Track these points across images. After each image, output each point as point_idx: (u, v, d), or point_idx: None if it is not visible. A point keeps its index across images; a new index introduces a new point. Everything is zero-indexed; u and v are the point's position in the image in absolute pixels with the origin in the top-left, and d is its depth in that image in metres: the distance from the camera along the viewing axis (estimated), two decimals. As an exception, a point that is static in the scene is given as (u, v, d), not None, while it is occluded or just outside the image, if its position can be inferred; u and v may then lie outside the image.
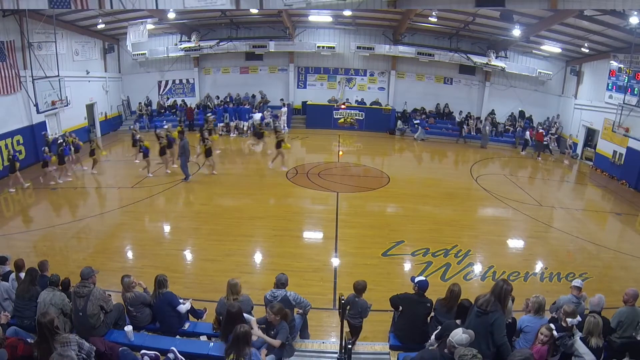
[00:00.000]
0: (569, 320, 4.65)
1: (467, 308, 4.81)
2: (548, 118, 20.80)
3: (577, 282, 5.77)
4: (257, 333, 4.90)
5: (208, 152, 13.76)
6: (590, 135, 18.43)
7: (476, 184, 14.22)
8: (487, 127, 19.85)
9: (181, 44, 20.52)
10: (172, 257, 8.73)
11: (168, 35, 20.93)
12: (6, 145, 13.96)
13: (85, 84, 18.42)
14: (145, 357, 4.75)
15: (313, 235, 10.16)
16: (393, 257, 8.96)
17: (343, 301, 5.50)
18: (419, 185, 13.84)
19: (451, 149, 19.56)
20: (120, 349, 4.69)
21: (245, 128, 20.40)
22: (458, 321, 4.70)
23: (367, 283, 5.54)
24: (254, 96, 22.06)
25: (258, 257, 9.05)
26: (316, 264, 8.55)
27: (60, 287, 5.41)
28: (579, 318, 4.66)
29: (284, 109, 20.73)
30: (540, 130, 19.05)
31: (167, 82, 22.18)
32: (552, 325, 4.48)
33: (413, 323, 5.24)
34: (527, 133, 19.43)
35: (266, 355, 4.82)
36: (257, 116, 20.33)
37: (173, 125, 20.57)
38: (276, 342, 4.86)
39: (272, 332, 4.94)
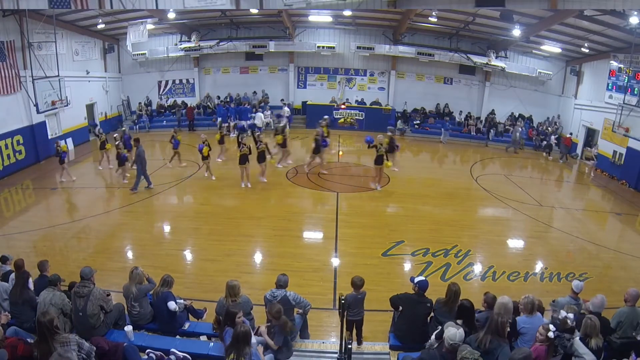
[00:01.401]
0: (562, 312, 4.65)
1: (467, 308, 4.82)
2: (548, 118, 20.80)
3: (576, 287, 5.58)
4: (262, 330, 5.00)
5: (260, 157, 12.86)
6: (590, 135, 18.44)
7: (476, 184, 14.22)
8: (518, 132, 19.43)
9: (181, 44, 20.52)
10: (172, 257, 8.73)
11: (168, 35, 20.93)
12: (6, 145, 13.97)
13: (85, 84, 18.42)
14: (151, 354, 4.77)
15: (313, 235, 10.16)
16: (393, 257, 8.96)
17: (343, 301, 5.50)
18: (419, 185, 13.84)
19: (453, 149, 19.53)
20: (125, 344, 4.72)
21: (246, 128, 20.44)
22: (459, 321, 4.70)
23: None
24: (255, 93, 22.07)
25: (258, 257, 9.05)
26: (316, 264, 8.55)
27: (66, 287, 5.41)
28: (571, 315, 4.65)
29: (286, 109, 20.67)
30: (568, 135, 18.64)
31: (167, 82, 22.18)
32: (551, 326, 4.45)
33: (413, 323, 5.24)
34: (553, 137, 18.95)
35: (263, 352, 4.83)
36: (259, 116, 20.32)
37: (173, 126, 20.71)
38: (272, 344, 4.86)
39: (272, 331, 4.95)
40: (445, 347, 4.10)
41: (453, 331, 4.08)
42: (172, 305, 5.43)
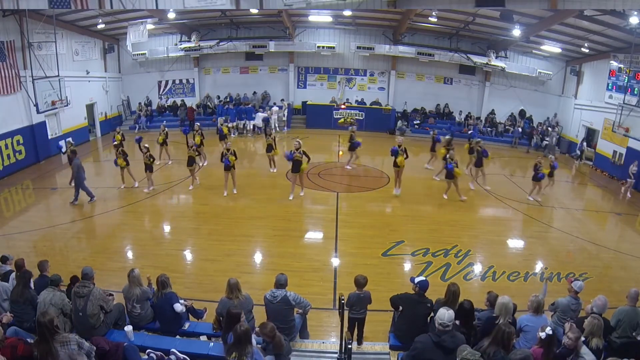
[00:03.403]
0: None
1: (467, 310, 4.82)
2: (548, 118, 20.80)
3: (578, 287, 5.49)
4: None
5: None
6: (591, 136, 18.44)
7: (476, 184, 14.20)
8: (555, 138, 19.08)
9: (181, 44, 20.52)
10: (172, 257, 8.74)
11: (168, 35, 20.93)
12: (6, 145, 13.97)
13: (85, 84, 18.42)
14: (152, 354, 4.78)
15: (313, 235, 10.15)
16: (393, 257, 8.96)
17: (344, 301, 5.50)
18: (419, 185, 13.83)
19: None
20: (125, 344, 4.72)
21: (249, 128, 20.48)
22: (457, 322, 4.70)
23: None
24: (255, 93, 22.09)
25: (258, 257, 9.05)
26: (316, 264, 8.56)
27: (66, 286, 5.40)
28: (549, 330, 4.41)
29: (275, 108, 20.69)
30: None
31: (167, 82, 22.19)
32: (549, 328, 4.31)
33: (413, 323, 5.24)
34: (584, 144, 18.19)
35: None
36: (260, 115, 20.34)
37: (174, 126, 20.69)
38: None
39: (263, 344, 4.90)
40: (437, 329, 4.19)
41: (442, 312, 4.18)
42: (178, 307, 5.46)
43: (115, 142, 14.50)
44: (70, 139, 14.25)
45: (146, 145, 12.49)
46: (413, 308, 5.26)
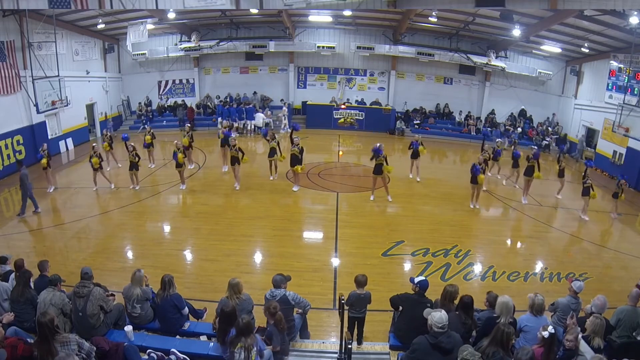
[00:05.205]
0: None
1: (467, 304, 4.88)
2: (548, 118, 20.80)
3: (578, 287, 5.47)
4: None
5: (232, 160, 12.48)
6: (590, 136, 18.44)
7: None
8: (582, 142, 18.76)
9: (181, 44, 20.54)
10: (172, 257, 8.73)
11: (168, 35, 20.94)
12: (6, 145, 13.97)
13: (85, 84, 18.42)
14: (152, 354, 4.78)
15: (313, 235, 10.16)
16: (393, 257, 8.95)
17: (344, 301, 5.50)
18: (419, 185, 13.83)
19: (453, 149, 19.51)
20: (125, 344, 4.73)
21: (249, 128, 20.48)
22: (457, 312, 4.75)
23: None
24: (255, 93, 22.10)
25: (258, 257, 9.05)
26: (316, 264, 8.55)
27: (66, 286, 5.41)
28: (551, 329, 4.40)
29: (284, 109, 20.70)
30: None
31: (167, 82, 22.18)
32: (550, 328, 4.28)
33: (413, 323, 5.23)
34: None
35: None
36: (260, 116, 20.34)
37: (174, 126, 20.66)
38: (272, 347, 4.84)
39: (268, 332, 4.93)
40: (434, 332, 4.19)
41: (438, 315, 4.18)
42: (187, 310, 5.58)
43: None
44: (45, 145, 13.79)
45: (132, 144, 12.64)
46: (413, 308, 5.25)
